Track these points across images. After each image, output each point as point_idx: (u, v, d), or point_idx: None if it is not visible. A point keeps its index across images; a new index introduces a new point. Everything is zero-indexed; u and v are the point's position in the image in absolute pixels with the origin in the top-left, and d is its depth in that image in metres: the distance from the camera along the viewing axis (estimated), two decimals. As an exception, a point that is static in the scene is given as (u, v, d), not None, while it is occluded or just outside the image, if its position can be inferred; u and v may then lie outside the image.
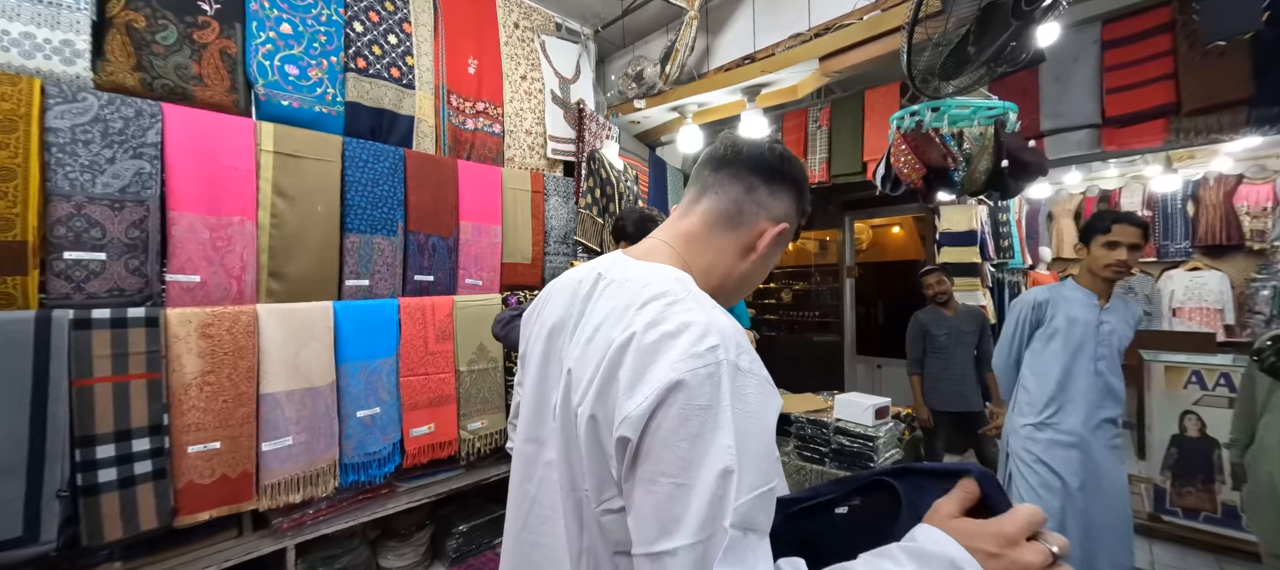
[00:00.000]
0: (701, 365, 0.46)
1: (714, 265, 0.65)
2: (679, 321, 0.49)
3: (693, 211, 0.66)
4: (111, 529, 1.17)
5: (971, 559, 0.43)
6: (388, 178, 1.66)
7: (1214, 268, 4.58)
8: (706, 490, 0.43)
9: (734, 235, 0.65)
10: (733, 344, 0.48)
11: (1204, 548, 2.69)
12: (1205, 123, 1.78)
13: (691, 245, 0.65)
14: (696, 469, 0.44)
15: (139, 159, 1.23)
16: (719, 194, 0.65)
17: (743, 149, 0.65)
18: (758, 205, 0.64)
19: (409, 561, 1.78)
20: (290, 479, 1.44)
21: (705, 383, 0.45)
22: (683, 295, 0.53)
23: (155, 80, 1.27)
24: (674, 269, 0.59)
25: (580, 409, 0.52)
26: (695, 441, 0.45)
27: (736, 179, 0.65)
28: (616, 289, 0.57)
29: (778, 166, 0.65)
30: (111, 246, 1.20)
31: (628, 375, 0.48)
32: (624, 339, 0.50)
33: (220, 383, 1.33)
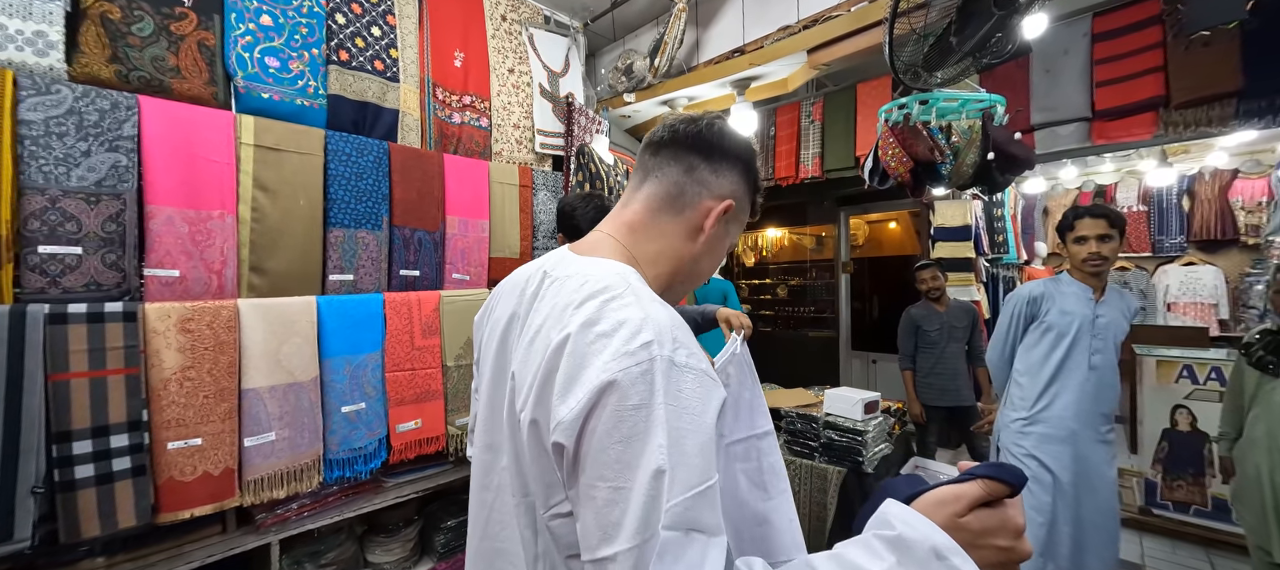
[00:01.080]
0: (634, 363, 0.45)
1: (662, 252, 0.63)
2: (614, 319, 0.48)
3: (635, 199, 0.64)
4: (89, 526, 1.16)
5: (956, 547, 0.41)
6: (372, 171, 1.65)
7: (1209, 263, 4.59)
8: (641, 492, 0.42)
9: (679, 219, 0.63)
10: (669, 338, 0.47)
11: (1194, 541, 2.70)
12: (1195, 115, 1.78)
13: (636, 234, 0.63)
14: (632, 471, 0.42)
15: (115, 152, 1.22)
16: (659, 178, 0.63)
17: (679, 129, 0.63)
18: (700, 184, 0.62)
19: (397, 556, 1.77)
20: (274, 475, 1.43)
21: (638, 382, 0.44)
22: (621, 290, 0.51)
23: (131, 72, 1.25)
24: (616, 263, 0.58)
25: (522, 414, 0.51)
26: (629, 443, 0.43)
27: (675, 160, 0.62)
28: (557, 287, 0.56)
29: (716, 142, 0.63)
30: (87, 240, 1.19)
31: (562, 378, 0.47)
32: (560, 340, 0.49)
33: (201, 378, 1.32)
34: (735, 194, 0.64)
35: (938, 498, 0.45)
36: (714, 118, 0.65)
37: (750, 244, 6.48)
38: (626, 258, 0.61)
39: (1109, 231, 1.58)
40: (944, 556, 0.40)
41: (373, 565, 1.74)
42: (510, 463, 0.56)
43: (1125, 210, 4.99)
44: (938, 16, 1.10)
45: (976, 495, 0.44)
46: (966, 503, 0.44)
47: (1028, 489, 1.71)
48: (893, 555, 0.41)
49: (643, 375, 0.44)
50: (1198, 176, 4.50)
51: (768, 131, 3.26)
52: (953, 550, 0.41)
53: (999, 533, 0.44)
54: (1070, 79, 2.01)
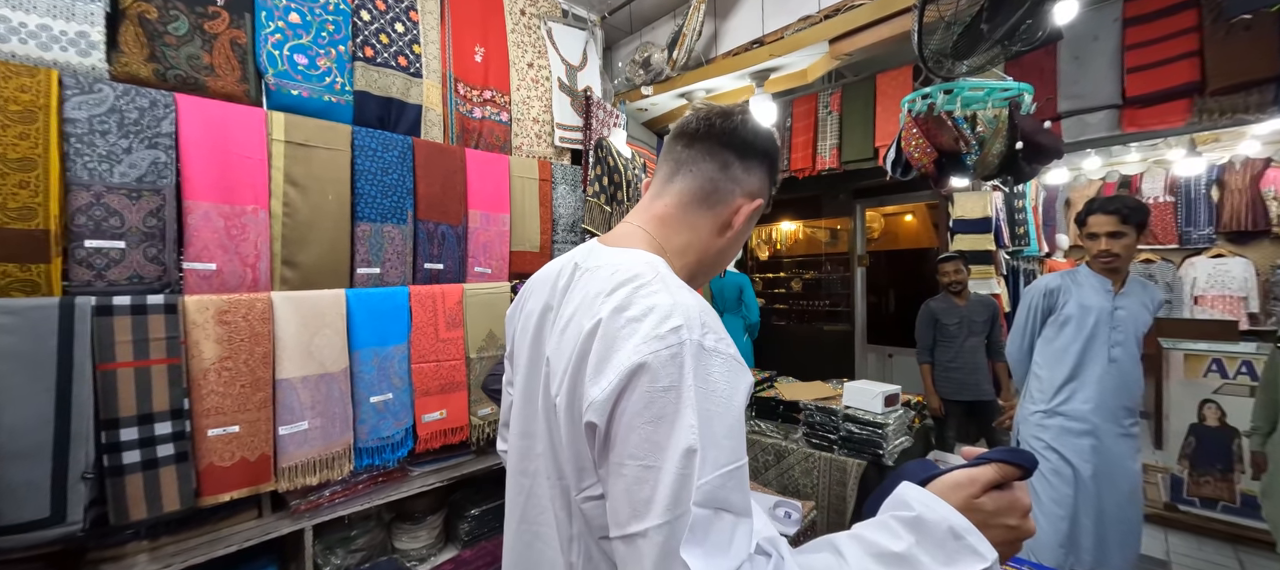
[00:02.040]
0: (664, 347, 0.46)
1: (690, 244, 0.64)
2: (644, 305, 0.49)
3: (667, 192, 0.65)
4: (136, 509, 1.21)
5: (972, 527, 0.43)
6: (397, 167, 1.68)
7: (1238, 254, 4.46)
8: (672, 471, 0.43)
9: (710, 214, 0.64)
10: (697, 323, 0.48)
11: (1221, 538, 2.65)
12: (1231, 102, 1.73)
13: (666, 227, 0.64)
14: (662, 451, 0.44)
15: (154, 149, 1.25)
16: (694, 172, 0.64)
17: (716, 124, 0.64)
18: (733, 182, 0.63)
19: (423, 543, 1.82)
20: (307, 462, 1.48)
21: (668, 364, 0.46)
22: (650, 278, 0.53)
23: (168, 71, 1.29)
24: (645, 253, 0.59)
25: (558, 398, 0.53)
26: (659, 423, 0.45)
27: (710, 156, 0.63)
28: (589, 277, 0.58)
29: (752, 141, 0.64)
30: (130, 235, 1.23)
31: (594, 361, 0.49)
32: (592, 325, 0.50)
33: (237, 368, 1.36)
34: (762, 192, 0.66)
35: (953, 481, 0.48)
36: (746, 113, 0.66)
37: (764, 237, 6.45)
38: (655, 248, 0.62)
39: (1120, 229, 1.55)
40: (960, 536, 0.43)
41: (400, 552, 1.78)
42: (545, 448, 0.58)
43: (1151, 201, 4.86)
44: (968, 2, 1.08)
45: (990, 478, 0.47)
46: (981, 485, 0.47)
47: (1048, 482, 1.69)
48: (911, 535, 0.44)
49: (672, 358, 0.46)
50: (1228, 166, 4.37)
51: (784, 123, 3.23)
52: (968, 530, 0.43)
53: (1009, 513, 0.47)
54: (1100, 65, 1.97)
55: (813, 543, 0.49)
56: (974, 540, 0.43)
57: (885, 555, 0.43)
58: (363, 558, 1.68)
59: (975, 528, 0.43)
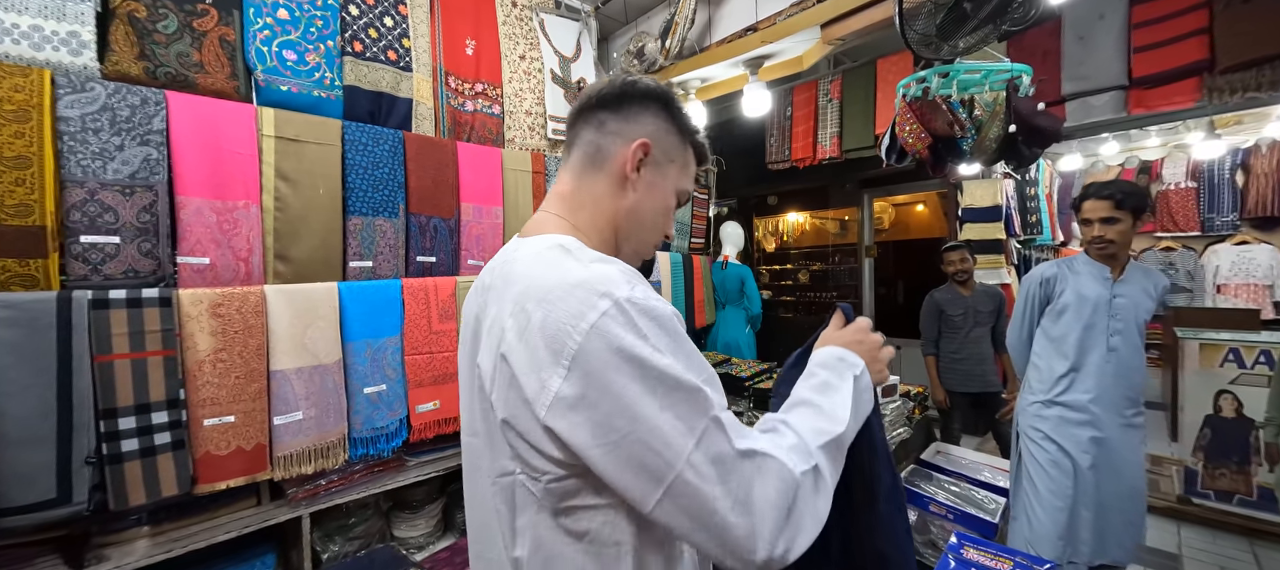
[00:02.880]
0: (598, 316, 0.48)
1: (597, 213, 0.65)
2: (562, 289, 0.50)
3: (563, 172, 0.68)
4: (135, 495, 1.25)
5: (847, 349, 0.68)
6: (388, 160, 1.69)
7: (1264, 241, 4.30)
8: (661, 424, 0.47)
9: (602, 174, 0.64)
10: (622, 282, 0.51)
11: (1237, 531, 2.58)
12: (1241, 80, 1.65)
13: (568, 203, 0.65)
14: (639, 408, 0.47)
15: (146, 146, 1.28)
16: (578, 145, 0.66)
17: (588, 93, 0.66)
18: (613, 136, 0.64)
19: (421, 531, 1.85)
20: (302, 451, 1.51)
21: (604, 335, 0.47)
22: (560, 260, 0.55)
23: (158, 68, 1.31)
24: (555, 236, 0.60)
25: (498, 406, 0.54)
26: (622, 394, 0.47)
27: (587, 122, 0.65)
28: (507, 271, 0.59)
29: (621, 92, 0.64)
30: (124, 230, 1.26)
31: (530, 361, 0.50)
32: (517, 326, 0.51)
33: (232, 360, 1.39)
34: (651, 134, 0.64)
35: (822, 337, 0.75)
36: (621, 76, 0.69)
37: (771, 229, 6.39)
38: (567, 229, 0.63)
39: (1114, 214, 1.51)
40: (842, 356, 0.67)
41: (399, 540, 1.82)
42: (485, 446, 0.59)
43: (1173, 186, 4.70)
44: (951, -18, 1.05)
45: (838, 321, 0.76)
46: (835, 327, 0.75)
47: (1047, 473, 1.66)
48: (819, 373, 0.65)
49: (609, 326, 0.48)
50: (1254, 149, 4.20)
51: (784, 112, 3.19)
52: (844, 350, 0.68)
53: (858, 332, 0.72)
54: (1105, 45, 1.90)
55: (764, 422, 0.60)
56: (848, 356, 0.67)
57: (810, 387, 0.64)
58: (361, 545, 1.72)
59: (846, 347, 0.69)
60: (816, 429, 0.57)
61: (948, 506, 1.41)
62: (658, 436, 0.47)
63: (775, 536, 0.48)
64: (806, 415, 0.59)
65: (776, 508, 0.49)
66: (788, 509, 0.49)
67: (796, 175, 3.92)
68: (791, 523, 0.50)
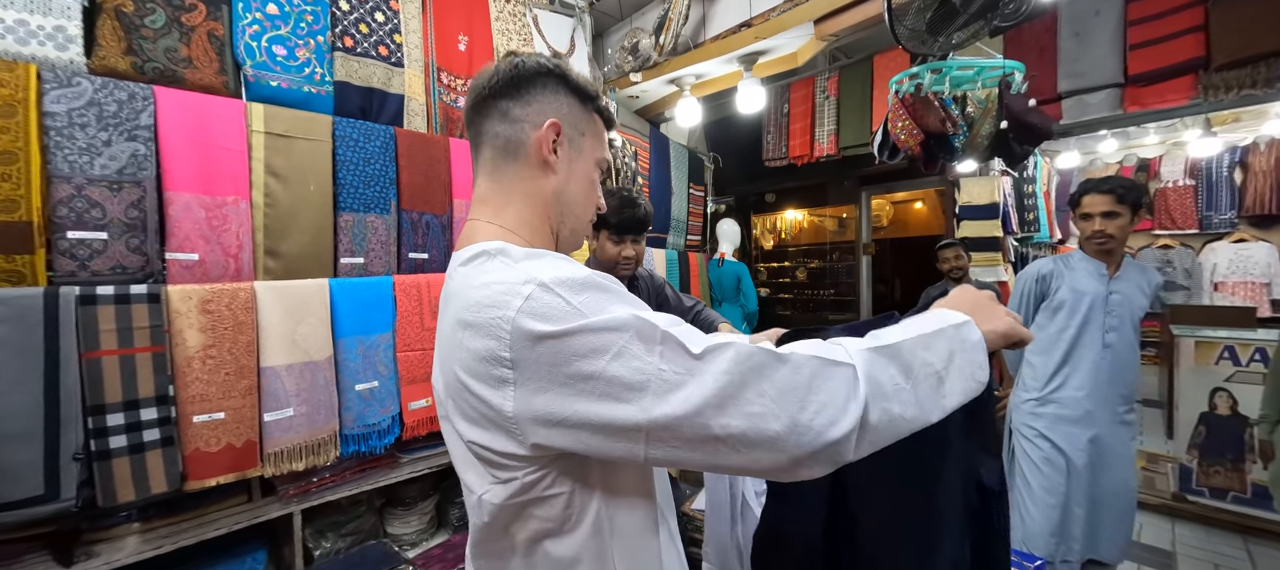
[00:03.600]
0: (518, 305, 0.47)
1: (523, 208, 0.62)
2: (491, 292, 0.50)
3: (478, 178, 0.64)
4: (124, 491, 1.25)
5: (957, 311, 0.57)
6: (379, 157, 1.69)
7: (1262, 239, 4.30)
8: (615, 364, 0.46)
9: (519, 164, 0.61)
10: (549, 274, 0.49)
11: (1230, 528, 2.58)
12: (1236, 77, 1.65)
13: (491, 206, 0.61)
14: (603, 378, 0.46)
15: (134, 141, 1.28)
16: (485, 140, 0.62)
17: (479, 84, 0.61)
18: (519, 122, 0.60)
19: (414, 528, 1.85)
20: (293, 448, 1.51)
21: (545, 323, 0.47)
22: (484, 266, 0.54)
23: (146, 63, 1.31)
24: (483, 243, 0.57)
25: (458, 427, 0.55)
26: (579, 379, 0.47)
27: (487, 114, 0.61)
28: (447, 292, 0.59)
29: (513, 75, 0.60)
30: (112, 226, 1.26)
31: (478, 373, 0.50)
32: (461, 342, 0.51)
33: (222, 356, 1.39)
34: (558, 112, 0.61)
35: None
36: (510, 58, 0.62)
37: (769, 226, 6.39)
38: (495, 232, 0.60)
39: (1115, 208, 1.51)
40: (940, 313, 0.57)
41: (392, 536, 1.82)
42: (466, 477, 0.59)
43: (1171, 185, 4.70)
44: (942, -23, 1.05)
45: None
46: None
47: (1040, 471, 1.66)
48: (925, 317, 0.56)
49: (547, 316, 0.47)
50: (1252, 147, 4.20)
51: (781, 109, 3.18)
52: (944, 314, 0.57)
53: (965, 295, 0.64)
54: (1101, 42, 1.89)
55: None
56: (947, 312, 0.56)
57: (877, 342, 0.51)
58: (353, 542, 1.72)
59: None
60: (859, 346, 0.49)
61: None
62: (616, 390, 0.45)
63: (796, 415, 0.44)
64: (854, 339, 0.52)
65: (787, 389, 0.44)
66: (795, 388, 0.44)
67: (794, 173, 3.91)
68: (812, 401, 0.44)
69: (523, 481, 0.52)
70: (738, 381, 0.44)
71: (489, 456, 0.52)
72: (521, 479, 0.52)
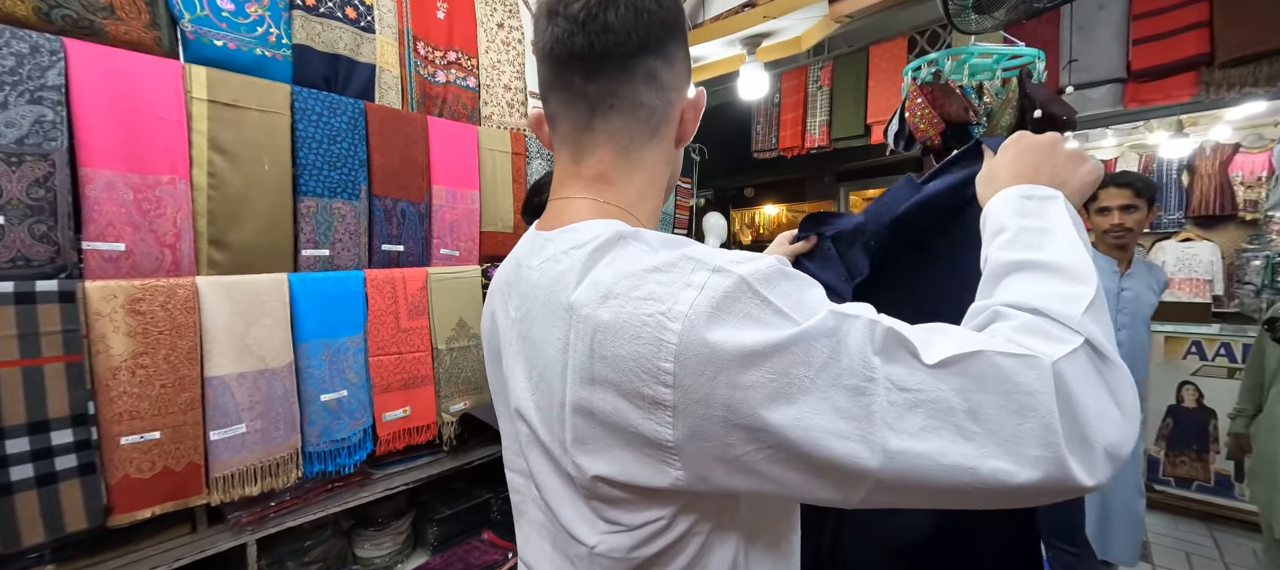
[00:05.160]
0: (720, 303, 0.35)
1: (646, 185, 0.50)
2: (646, 290, 0.37)
3: (592, 145, 0.48)
4: (31, 533, 1.02)
5: (1030, 184, 0.50)
6: (347, 134, 1.48)
7: (1206, 238, 4.59)
8: (823, 388, 0.34)
9: (657, 142, 0.49)
10: (725, 261, 0.37)
11: (1196, 516, 2.71)
12: (1239, 75, 1.66)
13: (612, 186, 0.49)
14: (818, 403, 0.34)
15: (39, 104, 1.04)
16: (618, 106, 0.46)
17: (612, 24, 0.43)
18: (665, 91, 0.47)
19: (388, 551, 1.67)
20: (246, 470, 1.30)
21: (732, 328, 0.34)
22: (627, 253, 0.41)
23: (53, 10, 1.07)
24: (600, 223, 0.44)
25: (555, 446, 0.42)
26: (753, 385, 0.34)
27: (629, 72, 0.45)
28: (538, 277, 0.45)
29: (665, 26, 0.46)
30: (11, 208, 1.02)
31: (621, 397, 0.36)
32: (586, 330, 0.38)
33: (156, 366, 1.17)
34: (689, 76, 0.51)
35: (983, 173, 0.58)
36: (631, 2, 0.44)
37: (748, 221, 6.37)
38: (614, 214, 0.48)
39: (1134, 202, 1.51)
40: (1029, 192, 0.50)
41: (362, 561, 1.63)
42: (536, 493, 0.47)
43: (1124, 186, 4.95)
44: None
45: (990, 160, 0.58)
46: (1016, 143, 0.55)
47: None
48: (1009, 225, 0.48)
49: (730, 312, 0.35)
50: (1199, 152, 4.46)
51: (772, 99, 3.10)
52: (1029, 186, 0.50)
53: (1035, 149, 0.54)
54: (1105, 36, 1.88)
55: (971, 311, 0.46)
56: (1037, 190, 0.49)
57: (1005, 246, 0.47)
58: (319, 569, 1.52)
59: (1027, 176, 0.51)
60: (1062, 294, 0.40)
61: None
62: (819, 426, 0.33)
63: (1062, 445, 0.33)
64: (1031, 280, 0.42)
65: (1045, 413, 0.34)
66: (1057, 409, 0.34)
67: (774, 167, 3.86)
68: (1080, 420, 0.35)
69: (655, 527, 0.39)
70: (995, 404, 0.34)
71: (616, 495, 0.39)
72: (654, 525, 0.39)
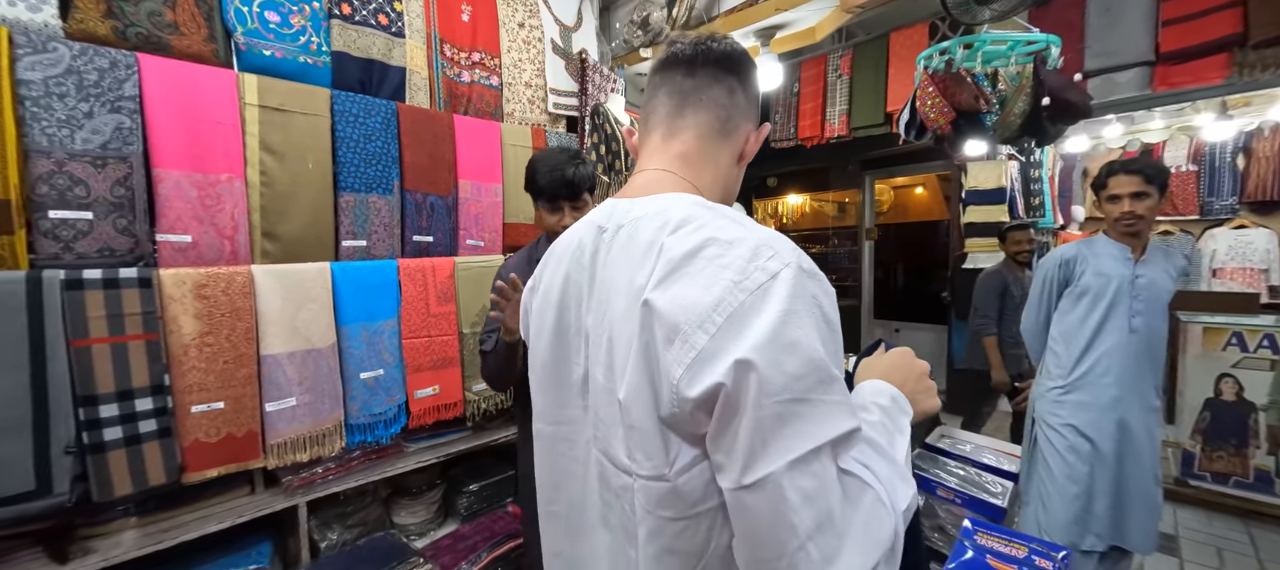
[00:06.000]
0: (769, 276, 0.43)
1: (716, 180, 0.61)
2: (722, 241, 0.46)
3: (681, 127, 0.60)
4: (121, 485, 1.18)
5: (897, 387, 0.60)
6: (381, 133, 1.60)
7: (1262, 225, 4.31)
8: (813, 394, 0.43)
9: (727, 144, 0.60)
10: (788, 248, 0.46)
11: (1232, 513, 2.61)
12: (1275, 55, 1.59)
13: (692, 166, 0.59)
14: (798, 378, 0.43)
15: (118, 113, 1.18)
16: (704, 102, 0.59)
17: (712, 49, 0.59)
18: (740, 109, 0.60)
19: (421, 518, 1.81)
20: (296, 438, 1.45)
21: (782, 291, 0.43)
22: (709, 216, 0.49)
23: (128, 28, 1.21)
24: (684, 195, 0.54)
25: (620, 378, 0.48)
26: (792, 350, 0.43)
27: (717, 81, 0.59)
28: (627, 233, 0.52)
29: (746, 61, 0.61)
30: (97, 205, 1.17)
31: (681, 318, 0.44)
32: (662, 277, 0.47)
33: (219, 344, 1.32)
34: (756, 118, 0.63)
35: (863, 366, 0.67)
36: (730, 40, 0.61)
37: (771, 211, 6.32)
38: (689, 189, 0.57)
39: (1144, 189, 1.47)
40: (896, 395, 0.59)
41: (398, 526, 1.78)
42: (590, 436, 0.54)
43: (1174, 170, 4.68)
44: (993, -59, 0.98)
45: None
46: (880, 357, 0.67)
47: (1063, 459, 1.64)
48: (873, 410, 0.57)
49: (781, 284, 0.43)
50: (1257, 132, 4.18)
51: (791, 88, 3.09)
52: (896, 390, 0.60)
53: (904, 360, 0.65)
54: (1132, 18, 1.82)
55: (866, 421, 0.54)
56: (901, 398, 0.59)
57: (871, 426, 0.54)
58: (360, 532, 1.67)
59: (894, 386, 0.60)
60: (895, 482, 0.48)
61: (954, 490, 1.38)
62: (807, 415, 0.42)
63: None
64: (883, 465, 0.50)
65: (875, 546, 0.43)
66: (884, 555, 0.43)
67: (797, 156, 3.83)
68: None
69: None
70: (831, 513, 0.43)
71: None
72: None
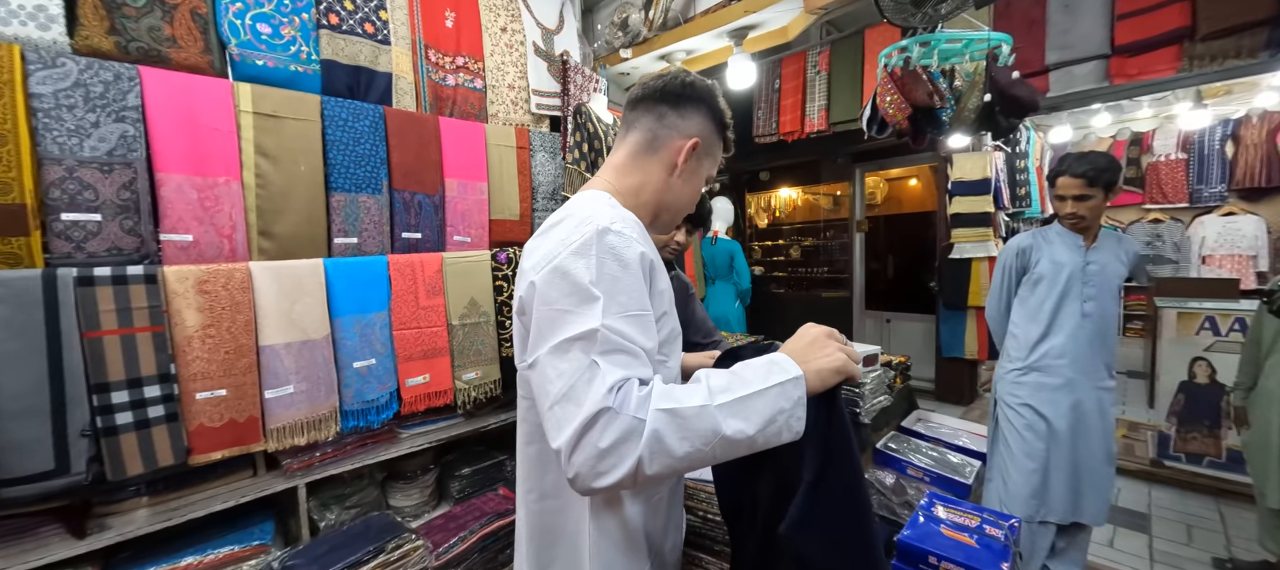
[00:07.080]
0: (579, 237, 0.64)
1: (643, 185, 0.78)
2: (573, 221, 0.67)
3: (621, 147, 0.80)
4: (132, 465, 1.29)
5: (788, 357, 0.66)
6: (369, 136, 1.69)
7: (1251, 212, 4.35)
8: (578, 319, 0.62)
9: (655, 158, 0.77)
10: (608, 220, 0.65)
11: (1205, 492, 2.68)
12: (1221, 47, 1.66)
13: (619, 173, 0.78)
14: (571, 306, 0.64)
15: (122, 122, 1.28)
16: (637, 127, 0.78)
17: (650, 85, 0.78)
18: (669, 128, 0.78)
19: (416, 501, 1.91)
20: (294, 423, 1.55)
21: (578, 245, 0.64)
22: (590, 207, 0.69)
23: (130, 43, 1.30)
24: (592, 192, 0.75)
25: (518, 302, 0.72)
26: (567, 277, 0.64)
27: (648, 111, 0.77)
28: (547, 222, 0.75)
29: (680, 91, 0.76)
30: (105, 208, 1.27)
31: (533, 260, 0.69)
32: (542, 254, 0.68)
33: (221, 335, 1.42)
34: (701, 133, 0.77)
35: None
36: (680, 73, 0.78)
37: (763, 205, 6.38)
38: (609, 190, 0.76)
39: (1087, 191, 1.55)
40: (774, 360, 0.65)
41: (394, 508, 1.88)
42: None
43: (1163, 158, 4.72)
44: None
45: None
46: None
47: (1021, 437, 1.72)
48: (764, 367, 0.64)
49: (583, 241, 0.63)
50: (1244, 120, 4.21)
51: (772, 85, 3.16)
52: (777, 357, 0.66)
53: (805, 338, 0.73)
54: (1091, 13, 1.89)
55: (693, 380, 0.64)
56: (782, 361, 0.64)
57: (726, 375, 0.63)
58: (357, 513, 1.77)
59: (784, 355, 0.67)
60: (707, 409, 0.58)
61: (923, 469, 1.47)
62: (557, 326, 0.61)
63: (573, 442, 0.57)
64: (694, 394, 0.59)
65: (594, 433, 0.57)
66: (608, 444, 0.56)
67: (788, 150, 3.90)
68: (605, 453, 0.56)
69: None
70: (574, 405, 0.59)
71: None
72: None
